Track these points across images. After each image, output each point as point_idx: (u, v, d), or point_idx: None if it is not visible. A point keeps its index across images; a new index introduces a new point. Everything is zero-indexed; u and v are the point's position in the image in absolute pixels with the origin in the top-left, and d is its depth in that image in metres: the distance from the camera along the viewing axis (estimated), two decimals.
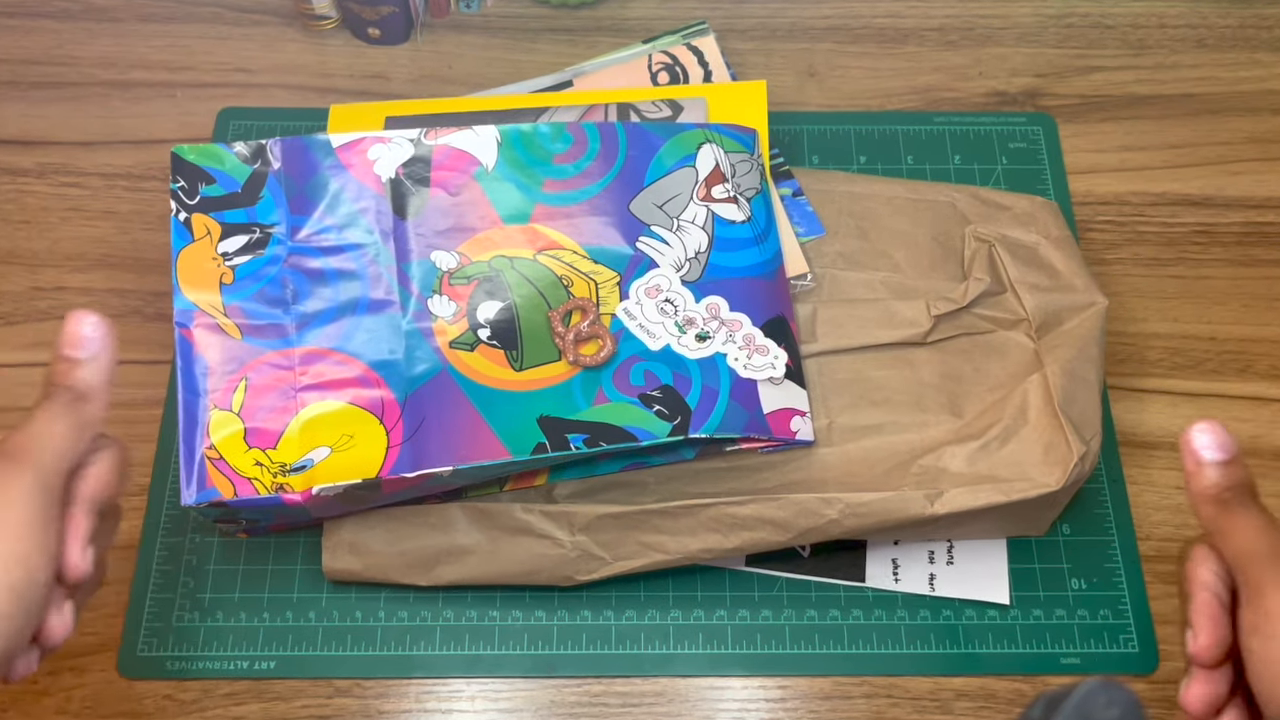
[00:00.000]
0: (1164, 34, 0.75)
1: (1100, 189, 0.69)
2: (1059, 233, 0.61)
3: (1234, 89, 0.73)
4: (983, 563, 0.59)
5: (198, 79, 0.72)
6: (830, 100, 0.72)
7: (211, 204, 0.57)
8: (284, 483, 0.54)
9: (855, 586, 0.58)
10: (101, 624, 0.57)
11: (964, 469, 0.55)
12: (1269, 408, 0.63)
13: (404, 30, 0.73)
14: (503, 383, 0.56)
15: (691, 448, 0.56)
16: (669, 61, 0.69)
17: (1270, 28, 0.75)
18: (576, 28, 0.74)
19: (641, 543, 0.55)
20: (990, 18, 0.75)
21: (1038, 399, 0.56)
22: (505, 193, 0.59)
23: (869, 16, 0.75)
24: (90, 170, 0.69)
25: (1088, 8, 0.76)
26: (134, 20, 0.74)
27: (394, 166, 0.59)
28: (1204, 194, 0.69)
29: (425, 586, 0.57)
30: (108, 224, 0.67)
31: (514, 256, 0.58)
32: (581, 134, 0.61)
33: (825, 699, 0.56)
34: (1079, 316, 0.59)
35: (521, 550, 0.55)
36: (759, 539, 0.55)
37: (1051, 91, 0.73)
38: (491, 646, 0.57)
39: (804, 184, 0.64)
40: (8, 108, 0.71)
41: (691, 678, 0.56)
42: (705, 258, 0.59)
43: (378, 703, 0.56)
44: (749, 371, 0.56)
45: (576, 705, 0.56)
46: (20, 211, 0.67)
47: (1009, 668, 0.57)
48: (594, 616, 0.57)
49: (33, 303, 0.65)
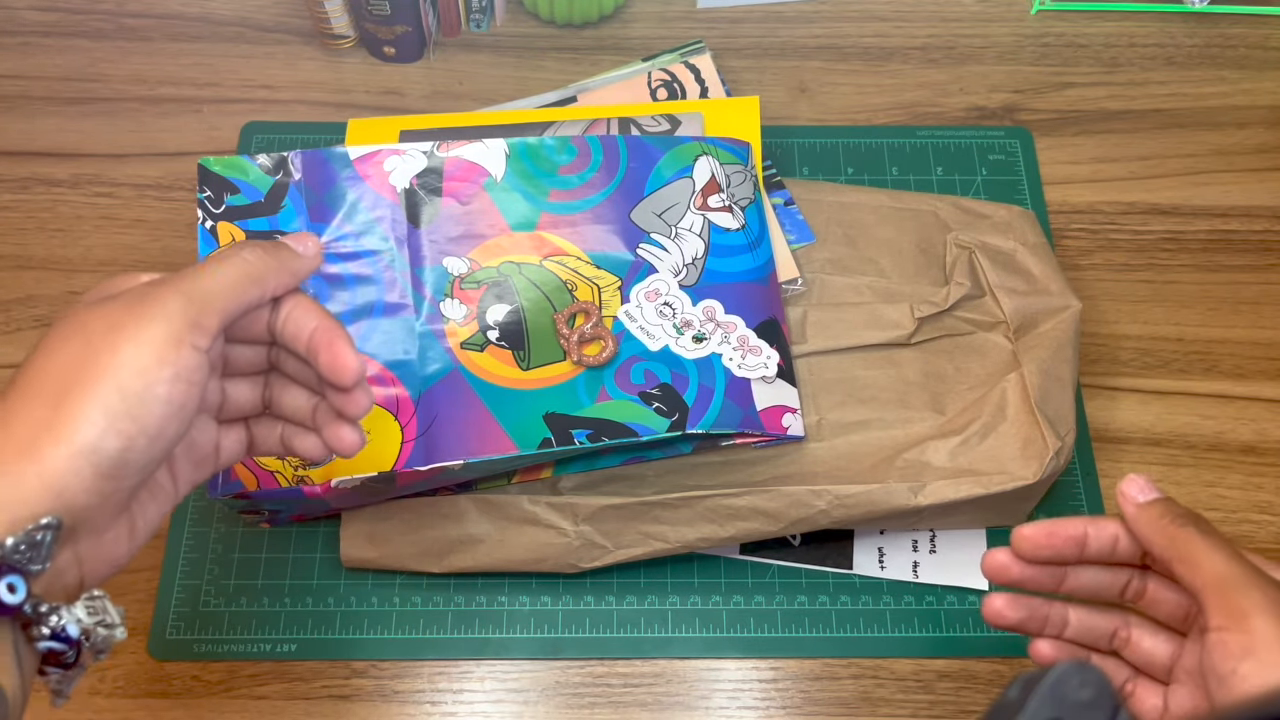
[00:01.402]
0: (1135, 52, 0.75)
1: (1074, 199, 0.69)
2: (1035, 240, 0.61)
3: (1200, 104, 0.73)
4: (963, 551, 0.59)
5: (223, 95, 0.72)
6: (820, 115, 0.72)
7: (236, 213, 0.57)
8: (304, 475, 0.54)
9: (843, 574, 0.58)
10: (133, 608, 0.57)
11: (946, 463, 0.55)
12: (1233, 405, 0.63)
13: (418, 49, 0.73)
14: (511, 381, 0.56)
15: (689, 443, 0.56)
16: (667, 78, 0.69)
17: (1234, 47, 0.75)
18: (580, 46, 0.74)
19: (642, 532, 0.55)
20: (971, 37, 0.75)
21: (1015, 397, 0.56)
22: (513, 202, 0.59)
23: (856, 36, 0.75)
24: (122, 181, 0.69)
25: (1063, 28, 0.76)
26: (163, 40, 0.74)
27: (408, 177, 0.59)
28: (1172, 203, 0.69)
29: (437, 574, 0.57)
30: (138, 232, 0.67)
31: (521, 262, 0.58)
32: (585, 146, 0.61)
33: (815, 679, 0.56)
34: (1054, 319, 0.59)
35: (528, 539, 0.55)
36: (752, 529, 0.55)
37: (1028, 107, 0.73)
38: (500, 630, 0.57)
39: (795, 194, 0.64)
40: (44, 122, 0.71)
41: (689, 659, 0.56)
42: (702, 263, 0.59)
43: (392, 683, 0.56)
44: (743, 371, 0.56)
45: (581, 685, 0.56)
46: (56, 220, 0.68)
47: (988, 650, 0.57)
48: (597, 602, 0.57)
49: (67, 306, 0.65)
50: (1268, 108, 0.73)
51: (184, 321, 0.37)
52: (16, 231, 0.67)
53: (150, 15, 0.75)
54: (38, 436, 0.35)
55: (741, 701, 0.56)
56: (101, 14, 0.75)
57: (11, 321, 0.64)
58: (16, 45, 0.73)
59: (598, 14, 0.75)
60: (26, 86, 0.72)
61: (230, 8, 0.75)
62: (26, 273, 0.66)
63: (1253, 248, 0.68)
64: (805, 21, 0.76)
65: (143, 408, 0.36)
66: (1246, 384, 0.63)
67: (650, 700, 0.55)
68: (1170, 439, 0.62)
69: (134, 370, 0.36)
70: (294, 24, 0.75)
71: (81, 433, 0.35)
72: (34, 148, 0.70)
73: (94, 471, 0.35)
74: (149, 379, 0.36)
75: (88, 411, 0.35)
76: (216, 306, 0.39)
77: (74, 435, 0.35)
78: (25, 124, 0.71)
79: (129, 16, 0.75)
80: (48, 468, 0.35)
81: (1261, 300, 0.66)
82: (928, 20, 0.76)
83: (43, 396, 0.36)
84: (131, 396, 0.36)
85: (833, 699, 0.56)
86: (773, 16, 0.76)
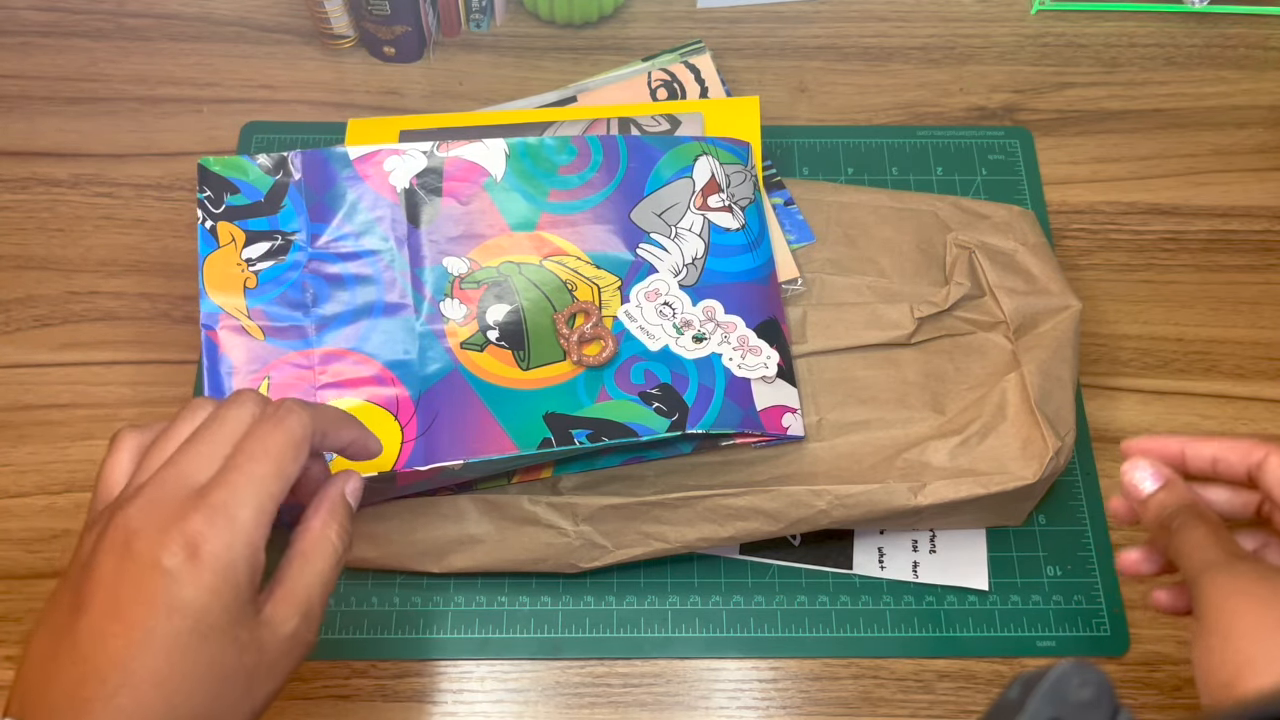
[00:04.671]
0: (1134, 52, 0.75)
1: (1074, 199, 0.69)
2: (1035, 240, 0.61)
3: (1200, 104, 0.73)
4: (963, 551, 0.58)
5: (223, 95, 0.72)
6: (820, 115, 0.72)
7: (236, 213, 0.57)
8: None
9: (843, 573, 0.58)
10: None
11: (946, 463, 0.55)
12: (1233, 405, 0.63)
13: (417, 49, 0.73)
14: (510, 381, 0.56)
15: (689, 443, 0.56)
16: (667, 78, 0.69)
17: (1234, 47, 0.75)
18: (580, 46, 0.74)
19: (642, 532, 0.55)
20: (971, 37, 0.75)
21: (1015, 397, 0.56)
22: (513, 202, 0.59)
23: (857, 36, 0.75)
24: (122, 181, 0.69)
25: (1063, 28, 0.76)
26: (163, 40, 0.74)
27: (408, 177, 0.59)
28: (1172, 203, 0.69)
29: (437, 574, 0.57)
30: (138, 232, 0.67)
31: (521, 262, 0.58)
32: (585, 147, 0.61)
33: (815, 679, 0.56)
34: (1054, 319, 0.59)
35: (528, 539, 0.55)
36: (752, 528, 0.55)
37: (1028, 107, 0.73)
38: (500, 630, 0.57)
39: (795, 194, 0.64)
40: (44, 122, 0.71)
41: (689, 659, 0.56)
42: (702, 263, 0.59)
43: (393, 684, 0.56)
44: (743, 371, 0.56)
45: (581, 685, 0.56)
46: (56, 220, 0.67)
47: (988, 650, 0.57)
48: (597, 602, 0.57)
49: (67, 306, 0.65)
50: (1268, 108, 0.72)
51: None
52: (16, 231, 0.67)
53: (150, 15, 0.75)
54: None
55: (741, 701, 0.55)
56: (101, 14, 0.75)
57: (12, 321, 0.64)
58: (16, 45, 0.73)
59: (598, 14, 0.75)
60: (26, 86, 0.72)
61: (230, 8, 0.75)
62: (26, 273, 0.66)
63: (1253, 248, 0.68)
64: (805, 21, 0.76)
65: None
66: (1246, 384, 0.63)
67: (650, 700, 0.55)
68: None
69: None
70: (294, 24, 0.75)
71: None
72: (34, 148, 0.70)
73: None
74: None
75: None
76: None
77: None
78: (25, 124, 0.71)
79: (129, 16, 0.75)
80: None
81: (1261, 300, 0.66)
82: (928, 20, 0.76)
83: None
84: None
85: (833, 699, 0.55)
86: (772, 16, 0.76)
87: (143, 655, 0.35)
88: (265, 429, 0.39)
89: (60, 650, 0.36)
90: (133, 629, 0.35)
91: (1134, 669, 0.56)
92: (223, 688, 0.36)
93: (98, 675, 0.35)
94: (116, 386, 0.62)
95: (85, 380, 0.62)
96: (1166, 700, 0.55)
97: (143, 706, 0.35)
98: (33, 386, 0.62)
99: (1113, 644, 0.57)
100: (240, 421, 0.39)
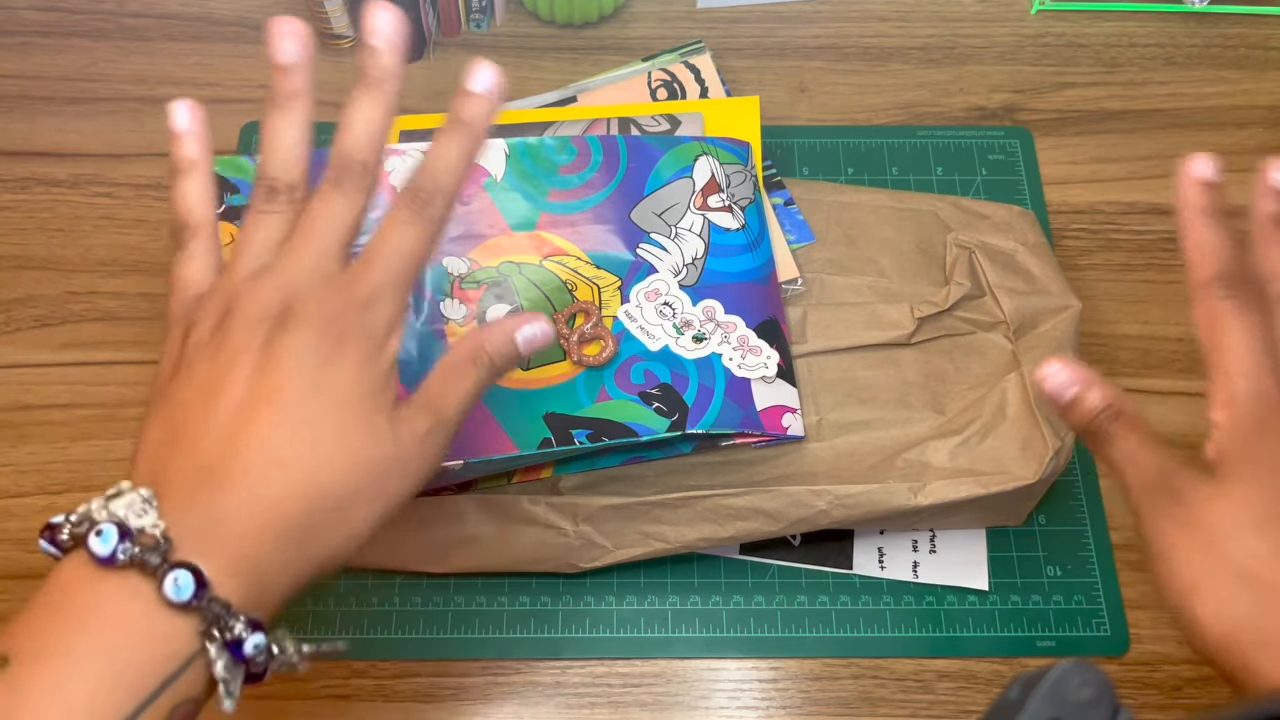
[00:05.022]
0: (1134, 52, 0.75)
1: (1074, 199, 0.69)
2: (1035, 240, 0.61)
3: (1200, 104, 0.73)
4: (963, 551, 0.59)
5: (223, 94, 0.72)
6: (820, 115, 0.72)
7: (236, 213, 0.57)
8: None
9: (843, 573, 0.58)
10: None
11: (946, 463, 0.55)
12: None
13: (417, 49, 0.73)
14: (511, 381, 0.56)
15: (689, 443, 0.56)
16: (667, 78, 0.69)
17: (1234, 47, 0.75)
18: (581, 47, 0.74)
19: (642, 532, 0.55)
20: (971, 37, 0.75)
21: (1015, 397, 0.56)
22: (513, 202, 0.59)
23: (856, 36, 0.75)
24: (122, 181, 0.69)
25: (1063, 28, 0.76)
26: (163, 39, 0.74)
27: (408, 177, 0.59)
28: (1172, 203, 0.69)
29: (437, 574, 0.57)
30: (138, 232, 0.67)
31: (521, 262, 0.58)
32: (585, 146, 0.61)
33: (815, 679, 0.56)
34: (1054, 319, 0.59)
35: (528, 539, 0.55)
36: (752, 529, 0.55)
37: (1028, 107, 0.73)
38: (500, 630, 0.57)
39: (795, 194, 0.64)
40: (44, 122, 0.71)
41: (689, 659, 0.56)
42: (702, 263, 0.59)
43: (392, 683, 0.56)
44: (743, 371, 0.56)
45: (581, 685, 0.56)
46: (55, 220, 0.67)
47: (988, 650, 0.57)
48: (597, 602, 0.57)
49: (67, 306, 0.65)
50: (1268, 108, 0.72)
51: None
52: (16, 231, 0.67)
53: (150, 15, 0.75)
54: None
55: (741, 701, 0.55)
56: (101, 14, 0.75)
57: (12, 321, 0.64)
58: (16, 45, 0.73)
59: (598, 14, 0.75)
60: (26, 86, 0.72)
61: (230, 8, 0.75)
62: (26, 273, 0.66)
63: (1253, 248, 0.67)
64: (805, 21, 0.76)
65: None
66: None
67: (650, 700, 0.55)
68: (1170, 439, 0.62)
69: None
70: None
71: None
72: (34, 148, 0.70)
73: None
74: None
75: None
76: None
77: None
78: (25, 124, 0.71)
79: (129, 16, 0.75)
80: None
81: None
82: (928, 20, 0.76)
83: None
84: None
85: (833, 699, 0.55)
86: (772, 16, 0.76)
87: (283, 430, 0.35)
88: (397, 229, 0.40)
89: (189, 422, 0.36)
90: (275, 406, 0.35)
91: (1134, 669, 0.56)
92: (359, 474, 0.37)
93: (233, 450, 0.35)
94: (116, 386, 0.62)
95: (85, 380, 0.62)
96: (1166, 700, 0.55)
97: (282, 482, 0.35)
98: (33, 386, 0.62)
99: (1113, 644, 0.57)
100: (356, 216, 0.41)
